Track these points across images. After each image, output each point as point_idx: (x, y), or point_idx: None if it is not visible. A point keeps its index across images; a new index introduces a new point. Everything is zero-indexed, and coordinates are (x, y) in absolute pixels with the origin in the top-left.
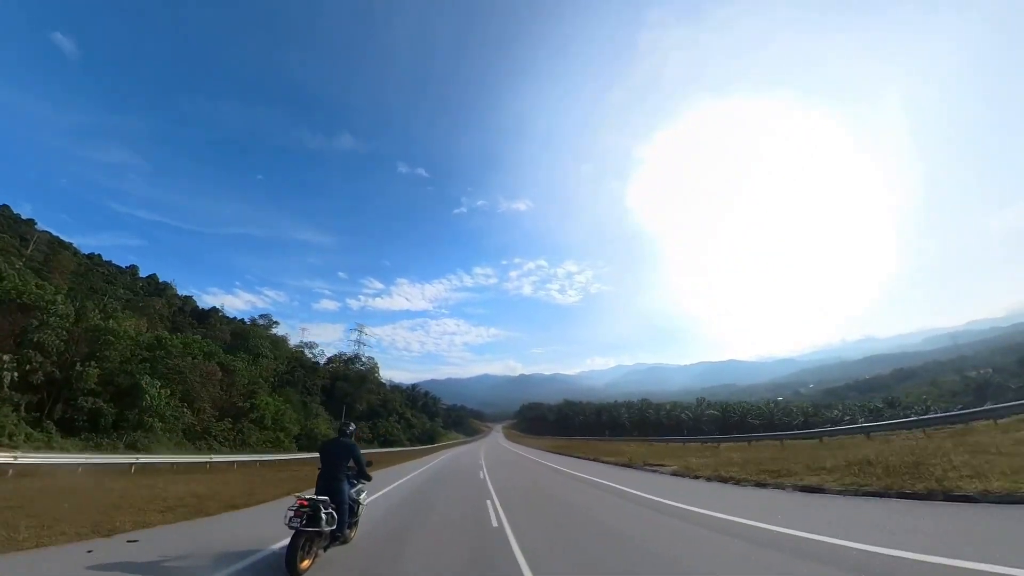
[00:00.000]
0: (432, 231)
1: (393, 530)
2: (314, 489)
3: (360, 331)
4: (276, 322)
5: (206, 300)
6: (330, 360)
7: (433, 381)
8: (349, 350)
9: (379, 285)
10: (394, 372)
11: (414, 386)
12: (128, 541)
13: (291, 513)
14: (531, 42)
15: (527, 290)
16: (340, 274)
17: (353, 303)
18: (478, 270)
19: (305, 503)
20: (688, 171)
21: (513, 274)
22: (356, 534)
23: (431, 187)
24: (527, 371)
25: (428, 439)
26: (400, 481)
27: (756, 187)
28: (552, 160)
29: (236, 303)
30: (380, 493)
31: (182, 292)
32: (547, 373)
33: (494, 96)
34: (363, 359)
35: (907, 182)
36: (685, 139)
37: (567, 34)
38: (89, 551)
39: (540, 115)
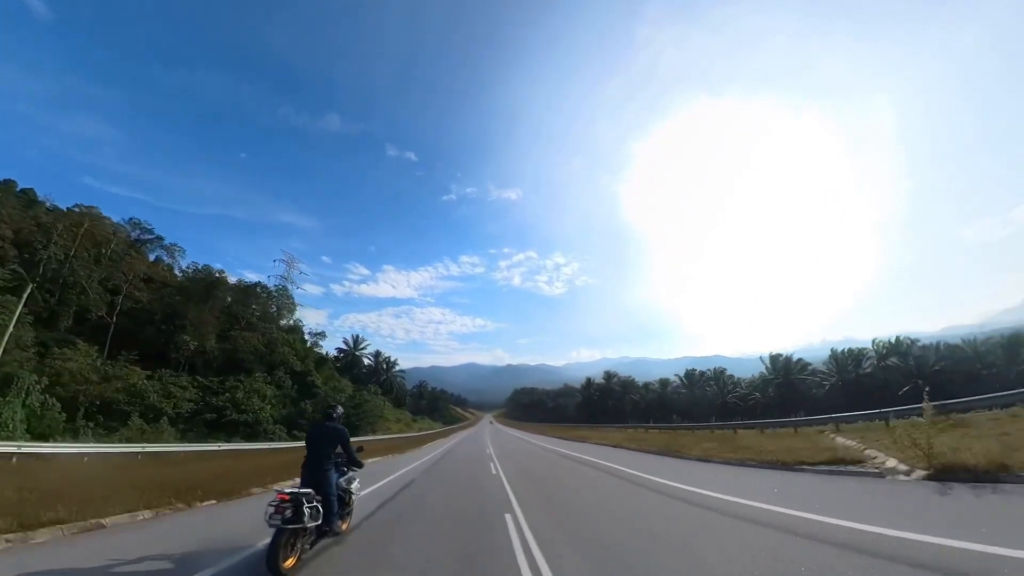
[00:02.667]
0: (420, 217)
1: None
2: (299, 480)
3: (289, 264)
4: (158, 237)
5: None
6: (198, 272)
7: (417, 368)
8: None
9: (364, 271)
10: None
11: (356, 338)
12: None
13: (271, 509)
14: (525, 26)
15: (516, 281)
16: (324, 258)
17: (337, 288)
18: (465, 259)
19: (286, 497)
20: (677, 169)
21: (503, 264)
22: (349, 525)
23: (420, 171)
24: (514, 361)
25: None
26: None
27: (744, 187)
28: (544, 151)
29: None
30: None
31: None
32: (533, 364)
33: (486, 80)
34: (271, 290)
35: (889, 189)
36: (676, 137)
37: (562, 22)
38: None
39: (533, 103)
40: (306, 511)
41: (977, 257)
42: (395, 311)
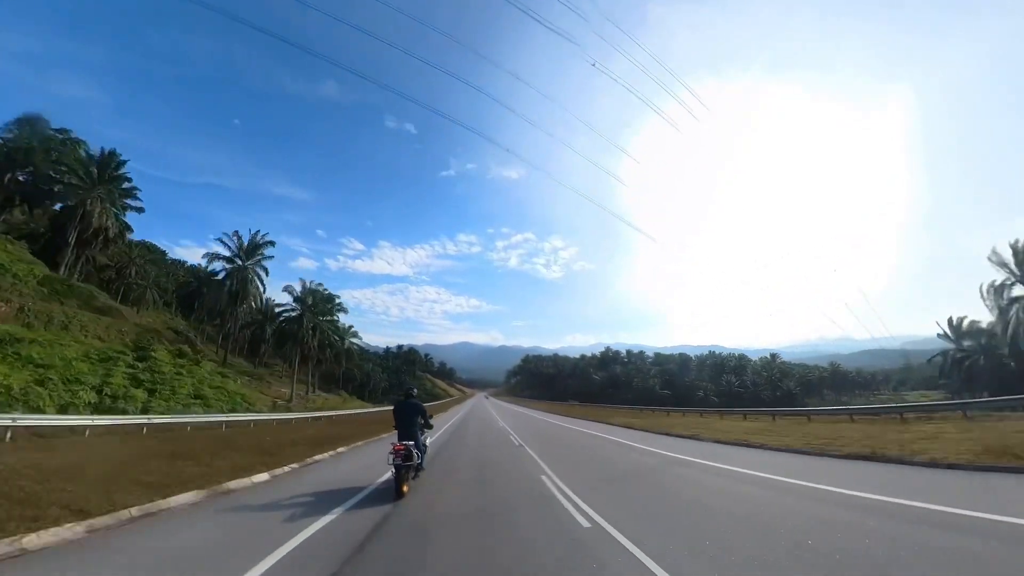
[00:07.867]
0: (418, 192)
1: None
2: (397, 436)
3: None
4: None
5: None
6: None
7: (411, 346)
8: None
9: (360, 246)
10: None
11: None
12: None
13: (392, 455)
14: None
15: (513, 262)
16: (319, 232)
17: (332, 263)
18: (462, 237)
19: (401, 448)
20: (681, 154)
21: (500, 244)
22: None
23: (419, 145)
24: (508, 343)
25: None
26: None
27: (749, 178)
28: (546, 128)
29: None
30: None
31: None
32: (527, 346)
33: (490, 47)
34: None
35: (895, 192)
36: (682, 121)
37: None
38: None
39: (537, 74)
40: (415, 454)
41: (973, 266)
42: (390, 288)
